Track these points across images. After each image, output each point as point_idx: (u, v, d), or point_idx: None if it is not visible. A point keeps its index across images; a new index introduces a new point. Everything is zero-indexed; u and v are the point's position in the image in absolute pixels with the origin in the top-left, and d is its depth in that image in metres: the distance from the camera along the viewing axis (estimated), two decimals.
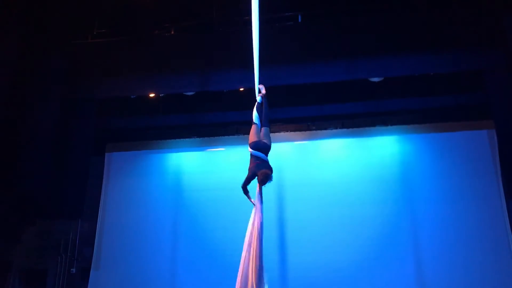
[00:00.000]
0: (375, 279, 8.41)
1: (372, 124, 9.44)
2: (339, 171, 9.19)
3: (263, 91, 6.08)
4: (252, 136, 5.77)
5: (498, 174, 8.54)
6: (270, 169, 5.55)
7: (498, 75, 7.99)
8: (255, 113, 5.89)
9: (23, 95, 8.37)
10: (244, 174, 5.67)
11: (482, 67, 8.06)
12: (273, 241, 8.74)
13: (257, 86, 5.98)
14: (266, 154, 5.68)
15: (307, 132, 9.66)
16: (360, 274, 8.48)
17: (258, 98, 6.02)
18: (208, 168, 9.75)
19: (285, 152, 9.30)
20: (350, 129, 9.50)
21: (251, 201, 5.54)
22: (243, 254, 5.39)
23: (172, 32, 8.56)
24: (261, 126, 5.89)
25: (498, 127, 8.08)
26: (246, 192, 5.59)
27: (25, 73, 8.39)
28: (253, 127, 5.86)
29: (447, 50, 8.01)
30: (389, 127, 9.37)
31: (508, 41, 7.68)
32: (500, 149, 8.16)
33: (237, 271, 5.99)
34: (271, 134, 7.98)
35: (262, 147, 5.67)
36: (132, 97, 9.23)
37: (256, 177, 5.50)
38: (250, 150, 5.68)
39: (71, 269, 9.32)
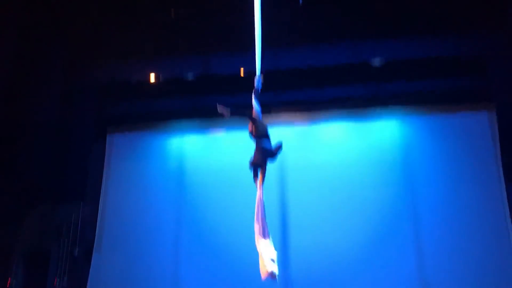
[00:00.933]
0: (375, 260, 8.47)
1: (373, 107, 9.42)
2: (340, 154, 9.22)
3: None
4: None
5: (498, 157, 8.54)
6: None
7: (500, 58, 8.01)
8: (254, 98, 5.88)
9: (24, 80, 8.36)
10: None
11: (484, 50, 8.06)
12: (275, 223, 8.78)
13: (258, 69, 5.94)
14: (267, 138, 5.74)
15: (308, 115, 9.64)
16: (360, 256, 8.54)
17: (256, 83, 5.98)
18: (209, 151, 9.79)
19: (286, 135, 9.26)
20: (352, 112, 9.48)
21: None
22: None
23: (173, 16, 8.52)
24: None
25: (499, 110, 8.11)
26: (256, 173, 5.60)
27: (26, 57, 8.36)
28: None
29: (449, 33, 8.02)
30: (390, 110, 9.36)
31: (510, 24, 7.66)
32: (500, 131, 8.19)
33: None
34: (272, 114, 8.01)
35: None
36: (132, 81, 9.24)
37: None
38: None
39: (74, 251, 9.38)
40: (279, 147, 5.78)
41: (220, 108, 5.56)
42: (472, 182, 8.66)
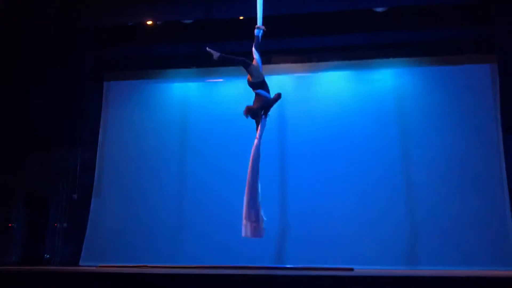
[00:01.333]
0: (368, 209, 8.59)
1: (374, 56, 9.26)
2: (339, 104, 9.14)
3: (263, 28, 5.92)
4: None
5: (497, 109, 8.51)
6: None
7: (504, 8, 7.79)
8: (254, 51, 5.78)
9: (19, 24, 8.17)
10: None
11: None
12: (274, 172, 8.90)
13: (260, 18, 5.81)
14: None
15: (308, 64, 9.49)
16: (354, 204, 8.66)
17: (256, 31, 5.86)
18: (209, 98, 9.70)
19: (285, 83, 9.22)
20: (352, 62, 9.33)
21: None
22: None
23: None
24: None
25: (502, 61, 8.00)
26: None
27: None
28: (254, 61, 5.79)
29: None
30: (391, 60, 9.21)
31: None
32: (501, 83, 8.11)
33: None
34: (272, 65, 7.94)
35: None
36: (129, 24, 9.04)
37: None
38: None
39: (73, 195, 9.50)
40: (276, 97, 5.73)
41: (210, 51, 5.52)
42: (469, 133, 8.64)
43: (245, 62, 5.76)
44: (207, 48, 5.53)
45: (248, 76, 5.85)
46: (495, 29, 8.04)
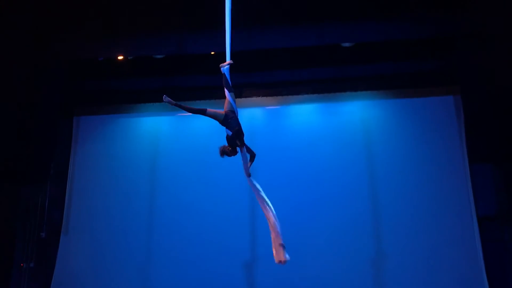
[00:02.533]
0: (338, 238, 8.66)
1: (342, 89, 9.47)
2: (309, 136, 9.27)
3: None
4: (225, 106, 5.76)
5: (462, 139, 8.77)
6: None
7: (466, 42, 8.11)
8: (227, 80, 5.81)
9: None
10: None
11: (452, 33, 8.16)
12: (244, 203, 8.92)
13: (228, 50, 5.85)
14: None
15: (278, 97, 9.65)
16: (324, 235, 8.72)
17: (226, 67, 5.88)
18: (179, 132, 9.69)
19: (256, 117, 9.32)
20: (321, 95, 9.52)
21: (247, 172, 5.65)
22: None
23: None
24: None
25: (464, 93, 8.27)
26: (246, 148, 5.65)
27: None
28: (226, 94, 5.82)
29: (417, 16, 8.04)
30: (359, 93, 9.43)
31: (479, 6, 7.78)
32: (465, 114, 8.35)
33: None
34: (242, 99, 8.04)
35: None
36: (100, 59, 9.04)
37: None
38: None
39: (41, 233, 9.24)
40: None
41: (165, 99, 5.55)
42: (437, 164, 8.83)
43: (200, 111, 5.80)
44: (164, 98, 5.56)
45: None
46: (457, 62, 8.34)
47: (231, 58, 5.78)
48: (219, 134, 6.11)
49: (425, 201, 8.67)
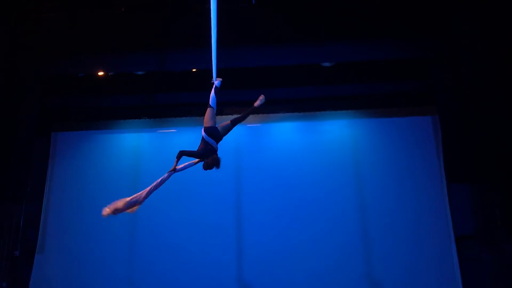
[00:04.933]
0: (324, 257, 8.68)
1: (323, 108, 9.61)
2: (290, 154, 9.34)
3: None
4: (209, 121, 5.71)
5: (440, 158, 8.91)
6: (218, 159, 5.56)
7: (443, 63, 8.32)
8: (213, 96, 5.80)
9: None
10: None
11: (429, 55, 8.37)
12: (229, 222, 8.95)
13: (214, 67, 5.88)
14: (217, 143, 5.68)
15: (260, 115, 9.69)
16: (308, 253, 8.73)
17: (217, 82, 5.91)
18: (158, 149, 9.59)
19: (237, 134, 9.29)
20: (302, 113, 9.64)
21: (174, 165, 5.44)
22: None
23: (123, 10, 8.33)
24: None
25: (441, 113, 8.43)
26: (179, 158, 5.49)
27: None
28: (210, 110, 5.78)
29: (396, 37, 8.26)
30: (339, 112, 9.57)
31: (454, 31, 8.02)
32: (443, 134, 8.50)
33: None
34: (224, 116, 8.05)
35: (216, 136, 5.65)
36: (80, 75, 8.99)
37: (203, 161, 5.53)
38: (204, 134, 5.63)
39: (15, 252, 9.01)
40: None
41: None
42: (415, 183, 8.98)
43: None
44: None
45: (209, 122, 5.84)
46: (434, 83, 8.53)
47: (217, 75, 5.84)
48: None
49: (403, 220, 8.77)
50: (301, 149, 9.39)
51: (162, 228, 9.08)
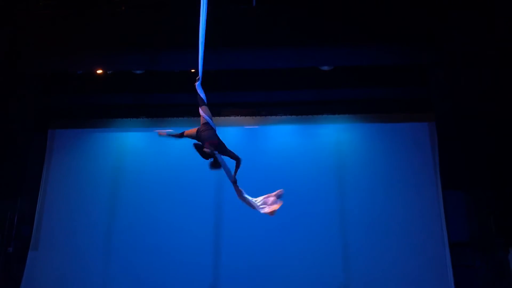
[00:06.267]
0: (304, 262, 8.66)
1: (320, 112, 9.61)
2: (286, 157, 9.32)
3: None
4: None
5: (436, 165, 8.91)
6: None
7: (440, 70, 8.34)
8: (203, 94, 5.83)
9: None
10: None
11: (426, 61, 8.40)
12: (208, 225, 8.97)
13: (200, 69, 5.90)
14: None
15: (257, 118, 9.70)
16: (293, 258, 8.72)
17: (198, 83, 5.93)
18: (154, 149, 9.60)
19: (234, 136, 9.32)
20: (299, 116, 9.62)
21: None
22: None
23: (123, 8, 8.34)
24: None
25: (438, 120, 8.44)
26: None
27: None
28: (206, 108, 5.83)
29: (394, 43, 8.30)
30: (336, 116, 9.56)
31: (451, 37, 8.05)
32: (439, 141, 8.52)
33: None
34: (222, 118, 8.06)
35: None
36: (78, 72, 8.99)
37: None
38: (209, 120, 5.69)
39: (8, 248, 8.98)
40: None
41: (160, 133, 5.59)
42: (410, 189, 8.96)
43: (180, 135, 5.91)
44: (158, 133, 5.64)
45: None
46: (431, 90, 8.54)
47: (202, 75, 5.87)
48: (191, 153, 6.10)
49: (397, 226, 8.74)
50: (296, 152, 9.36)
51: (142, 229, 9.12)
